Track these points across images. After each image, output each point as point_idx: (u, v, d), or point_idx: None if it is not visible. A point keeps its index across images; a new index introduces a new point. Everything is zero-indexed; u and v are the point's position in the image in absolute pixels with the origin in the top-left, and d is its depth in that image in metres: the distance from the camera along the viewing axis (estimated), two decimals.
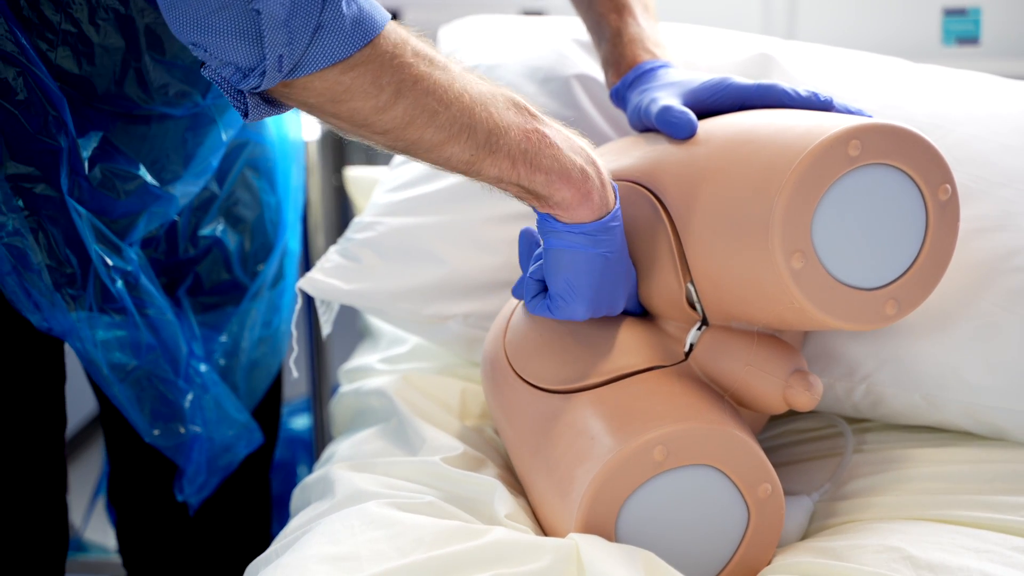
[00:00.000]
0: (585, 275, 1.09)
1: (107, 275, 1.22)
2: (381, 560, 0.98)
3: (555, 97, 1.41)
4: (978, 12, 1.78)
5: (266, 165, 1.40)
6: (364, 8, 0.99)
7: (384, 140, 1.02)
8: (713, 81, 1.17)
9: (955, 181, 1.04)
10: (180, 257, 1.33)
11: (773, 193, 1.00)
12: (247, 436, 1.43)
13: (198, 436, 1.36)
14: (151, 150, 1.24)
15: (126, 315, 1.25)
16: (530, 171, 1.04)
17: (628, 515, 1.02)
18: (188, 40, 0.97)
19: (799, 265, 1.00)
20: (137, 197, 1.23)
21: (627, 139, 1.23)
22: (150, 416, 1.32)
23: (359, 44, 0.97)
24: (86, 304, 1.22)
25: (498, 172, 1.04)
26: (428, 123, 1.01)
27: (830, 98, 1.12)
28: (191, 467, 1.38)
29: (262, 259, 1.41)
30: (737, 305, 1.08)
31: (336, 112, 1.00)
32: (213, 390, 1.37)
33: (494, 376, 1.20)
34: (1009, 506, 1.08)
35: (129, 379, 1.29)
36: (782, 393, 1.09)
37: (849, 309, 1.03)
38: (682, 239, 1.10)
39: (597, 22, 1.28)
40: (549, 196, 1.06)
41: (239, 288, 1.39)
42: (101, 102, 1.19)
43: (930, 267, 1.05)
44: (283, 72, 0.96)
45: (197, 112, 1.27)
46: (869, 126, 1.01)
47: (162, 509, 1.47)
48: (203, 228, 1.33)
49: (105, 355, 1.26)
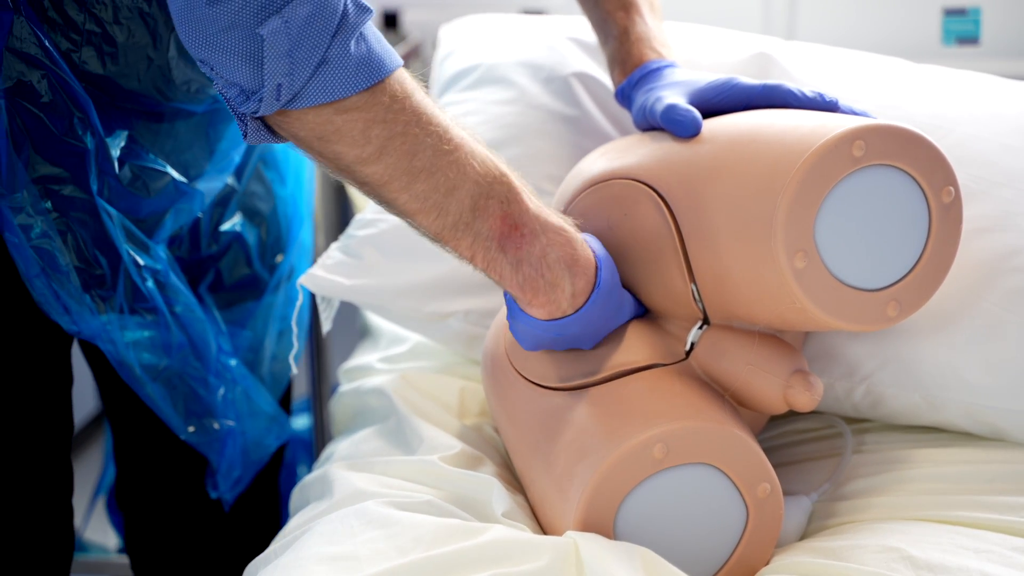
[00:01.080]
0: (559, 344, 1.10)
1: (138, 275, 1.22)
2: (380, 559, 0.98)
3: (557, 96, 1.41)
4: (978, 12, 1.78)
5: (275, 157, 1.40)
6: (374, 50, 0.97)
7: (363, 191, 1.02)
8: (719, 81, 1.16)
9: (958, 183, 1.04)
10: (202, 254, 1.34)
11: (777, 192, 1.00)
12: (277, 429, 1.43)
13: (231, 431, 1.36)
14: (175, 147, 1.24)
15: (156, 315, 1.25)
16: (493, 268, 1.04)
17: (627, 512, 1.02)
18: (197, 56, 0.96)
19: (801, 265, 1.00)
20: (165, 195, 1.23)
21: (631, 137, 1.23)
22: (184, 413, 1.32)
23: (359, 87, 0.96)
24: (116, 305, 1.22)
25: (465, 255, 1.04)
26: (404, 189, 1.00)
27: (835, 99, 1.12)
28: (225, 463, 1.38)
29: (279, 252, 1.42)
30: (739, 304, 1.08)
31: (322, 151, 0.99)
32: (242, 384, 1.37)
33: (494, 373, 1.20)
34: (1009, 506, 1.07)
35: (160, 378, 1.29)
36: (783, 393, 1.09)
37: (851, 310, 1.02)
38: (685, 238, 1.09)
39: (603, 20, 1.28)
40: (510, 291, 1.06)
41: (259, 282, 1.39)
42: (125, 100, 1.19)
43: (932, 269, 1.05)
44: (280, 102, 0.95)
45: (216, 108, 1.27)
46: (874, 127, 1.01)
47: (173, 510, 1.46)
48: (224, 224, 1.34)
49: (136, 356, 1.26)
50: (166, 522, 1.47)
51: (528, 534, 1.02)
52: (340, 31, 0.96)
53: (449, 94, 1.49)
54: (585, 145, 1.38)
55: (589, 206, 1.18)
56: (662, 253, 1.12)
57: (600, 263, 1.08)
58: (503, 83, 1.43)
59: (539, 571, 0.98)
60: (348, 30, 0.96)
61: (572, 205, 1.21)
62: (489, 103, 1.43)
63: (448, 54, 1.55)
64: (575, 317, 1.07)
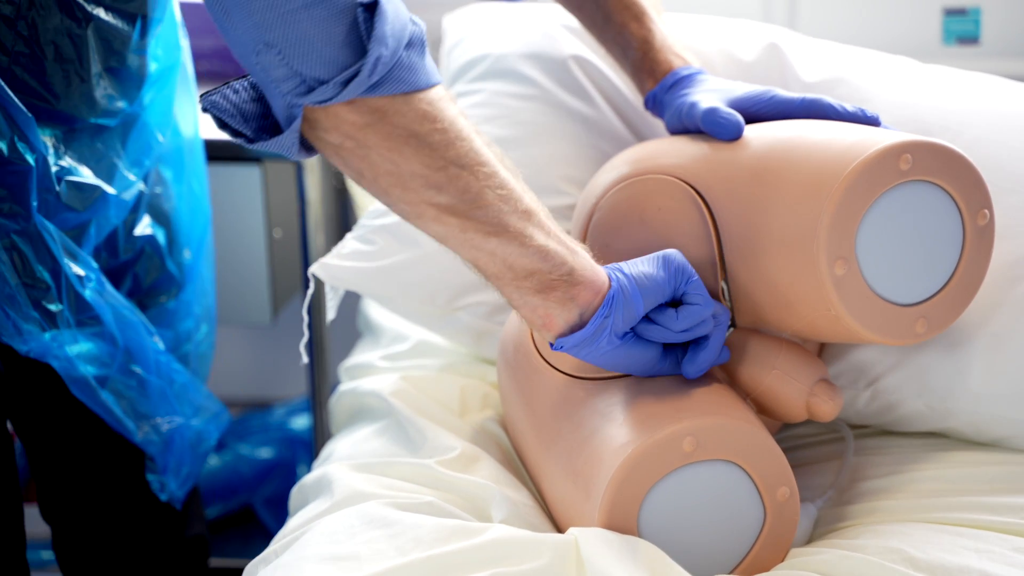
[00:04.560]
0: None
1: (80, 286, 1.22)
2: (380, 559, 0.98)
3: (570, 91, 1.41)
4: (978, 12, 1.78)
5: (169, 154, 1.39)
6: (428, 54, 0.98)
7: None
8: (757, 92, 1.16)
9: (993, 207, 1.05)
10: (120, 260, 1.34)
11: (822, 198, 1.00)
12: (216, 420, 1.45)
13: (179, 427, 1.37)
14: (94, 158, 1.24)
15: (99, 324, 1.26)
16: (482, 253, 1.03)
17: (651, 504, 1.02)
18: (261, 40, 0.93)
19: (841, 272, 1.01)
20: (92, 207, 1.23)
21: (664, 139, 1.23)
22: (134, 417, 1.32)
23: (431, 81, 0.97)
24: (64, 319, 1.22)
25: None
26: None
27: (877, 115, 1.12)
28: (174, 459, 1.38)
29: (185, 247, 1.42)
30: (770, 308, 1.08)
31: (347, 162, 0.99)
32: (180, 380, 1.38)
33: (516, 361, 1.19)
34: (1009, 507, 1.08)
35: (108, 386, 1.29)
36: (806, 400, 1.09)
37: (883, 323, 1.03)
38: (722, 238, 1.09)
39: (619, 32, 1.27)
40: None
41: (172, 281, 1.40)
42: (49, 118, 1.19)
43: (962, 289, 1.06)
44: (373, 79, 0.93)
45: (127, 120, 1.26)
46: (921, 143, 1.01)
47: (101, 515, 1.45)
48: (136, 228, 1.34)
49: (83, 368, 1.26)
50: (98, 528, 1.46)
51: (528, 533, 1.02)
52: (413, 21, 0.97)
53: (459, 84, 1.48)
54: (603, 147, 1.38)
55: (622, 200, 1.18)
56: (695, 250, 1.12)
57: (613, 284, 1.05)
58: (514, 76, 1.43)
59: (539, 570, 0.97)
60: (417, 25, 0.98)
61: (604, 199, 1.20)
62: (502, 95, 1.43)
63: (456, 43, 1.54)
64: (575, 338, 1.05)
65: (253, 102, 0.99)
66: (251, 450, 2.11)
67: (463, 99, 1.45)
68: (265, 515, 2.08)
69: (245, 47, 0.95)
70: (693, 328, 1.05)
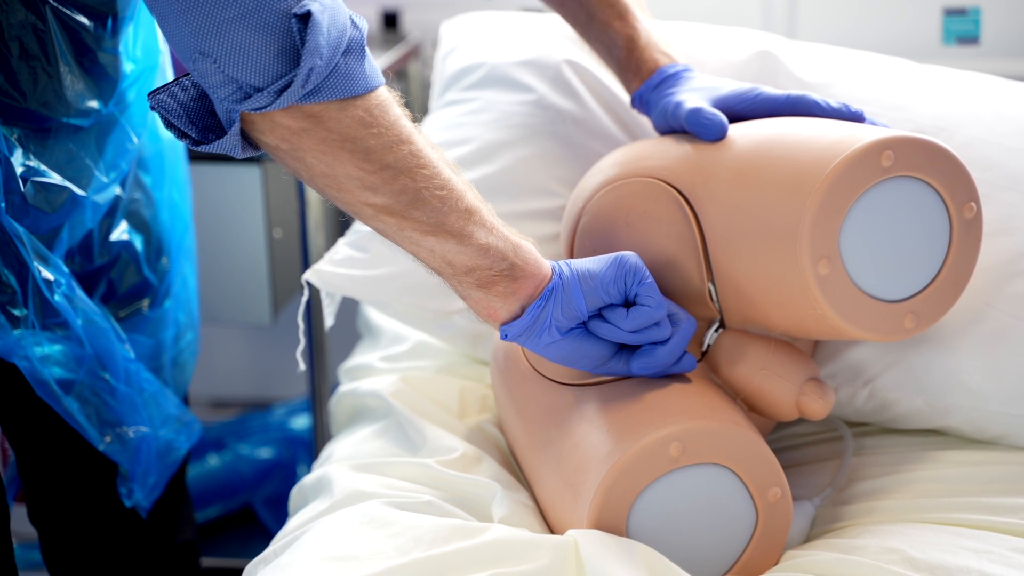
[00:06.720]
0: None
1: (48, 290, 1.22)
2: (380, 559, 0.98)
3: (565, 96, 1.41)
4: (978, 12, 1.78)
5: (149, 160, 1.39)
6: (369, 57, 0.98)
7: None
8: (742, 89, 1.16)
9: (980, 200, 1.04)
10: (95, 265, 1.33)
11: (804, 197, 1.00)
12: (187, 431, 1.44)
13: (145, 437, 1.36)
14: (66, 160, 1.23)
15: (67, 329, 1.25)
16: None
17: (639, 510, 1.02)
18: (196, 48, 0.94)
19: (825, 271, 1.01)
20: (63, 209, 1.23)
21: (650, 140, 1.23)
22: (99, 424, 1.32)
23: (370, 86, 0.97)
24: (28, 322, 1.21)
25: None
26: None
27: (861, 111, 1.12)
28: (140, 469, 1.38)
29: (163, 255, 1.41)
30: (757, 308, 1.08)
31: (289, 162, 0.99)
32: (149, 389, 1.37)
33: (507, 367, 1.20)
34: (1008, 508, 1.08)
35: (73, 391, 1.29)
36: (796, 400, 1.09)
37: (870, 319, 1.03)
38: (707, 238, 1.09)
39: (602, 30, 1.27)
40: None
41: (149, 288, 1.39)
42: (16, 118, 1.18)
43: (951, 283, 1.05)
44: (307, 88, 0.94)
45: (102, 120, 1.26)
46: (903, 138, 1.01)
47: (88, 521, 1.45)
48: (112, 233, 1.33)
49: (49, 371, 1.26)
50: (82, 534, 1.46)
51: (528, 534, 1.02)
52: (354, 25, 0.97)
53: (452, 92, 1.49)
54: (594, 146, 1.38)
55: (608, 204, 1.18)
56: (681, 252, 1.12)
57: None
58: (509, 83, 1.43)
59: (539, 571, 0.97)
60: (358, 28, 0.97)
61: (591, 202, 1.20)
62: (496, 102, 1.43)
63: (450, 51, 1.55)
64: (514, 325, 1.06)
65: (201, 99, 1.00)
66: (251, 450, 2.11)
67: (456, 107, 1.45)
68: (265, 515, 2.08)
69: (182, 53, 0.96)
70: (645, 331, 1.06)
